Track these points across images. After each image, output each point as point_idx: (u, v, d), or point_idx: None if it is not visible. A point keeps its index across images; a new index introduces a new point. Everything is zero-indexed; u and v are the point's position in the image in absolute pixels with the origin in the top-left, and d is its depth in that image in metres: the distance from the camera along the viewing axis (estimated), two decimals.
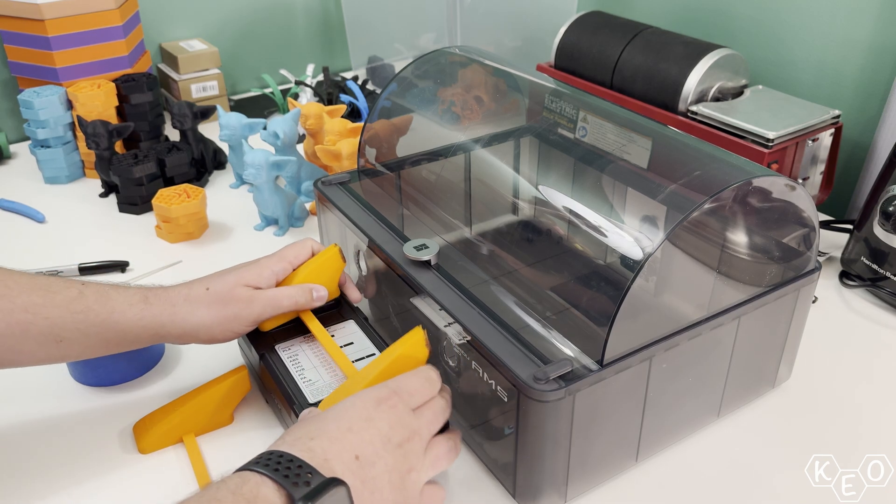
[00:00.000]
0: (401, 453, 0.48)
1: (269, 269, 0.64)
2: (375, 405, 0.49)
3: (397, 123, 0.85)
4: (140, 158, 1.00)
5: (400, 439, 0.48)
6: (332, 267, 0.68)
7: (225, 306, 0.61)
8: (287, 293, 0.63)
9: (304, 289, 0.64)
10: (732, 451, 0.64)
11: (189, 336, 0.61)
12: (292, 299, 0.63)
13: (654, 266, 0.65)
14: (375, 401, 0.49)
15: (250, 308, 0.62)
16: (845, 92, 1.03)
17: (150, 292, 0.61)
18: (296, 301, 0.64)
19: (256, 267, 0.64)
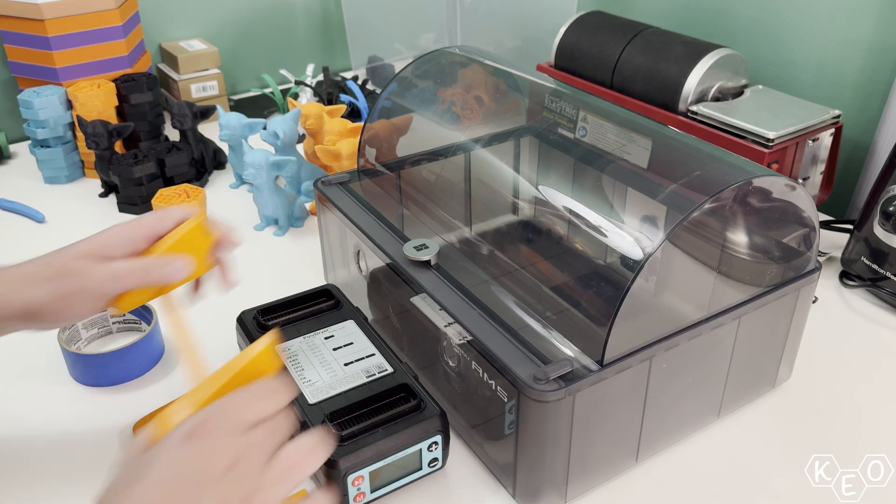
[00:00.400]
0: (229, 481, 0.42)
1: (118, 236, 0.56)
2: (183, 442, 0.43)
3: (397, 123, 0.85)
4: (140, 158, 1.00)
5: (225, 465, 0.42)
6: (198, 239, 0.59)
7: (62, 280, 0.53)
8: (135, 265, 0.55)
9: (157, 261, 0.55)
10: (732, 451, 0.64)
11: (30, 317, 0.54)
12: (141, 272, 0.55)
13: (654, 266, 0.65)
14: (185, 436, 0.43)
15: (87, 281, 0.53)
16: (845, 92, 1.03)
17: None
18: (145, 274, 0.55)
19: (104, 234, 0.56)
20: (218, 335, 0.74)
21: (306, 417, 0.57)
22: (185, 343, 0.56)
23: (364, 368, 0.62)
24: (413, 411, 0.58)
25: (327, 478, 0.54)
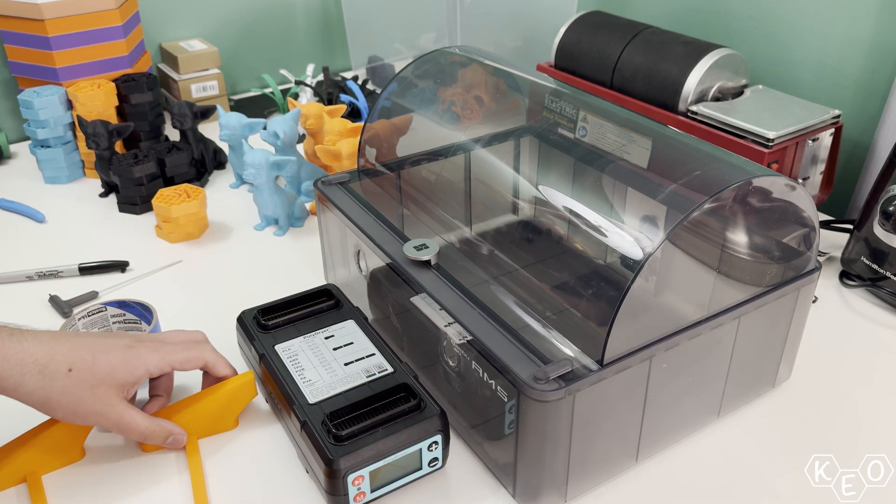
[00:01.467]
0: None
1: (143, 368, 0.59)
2: None
3: (397, 123, 0.85)
4: (140, 158, 1.00)
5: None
6: (243, 399, 0.65)
7: (77, 401, 0.55)
8: (142, 427, 0.59)
9: (161, 431, 0.60)
10: (732, 451, 0.64)
11: (37, 407, 0.55)
12: (143, 436, 0.59)
13: (654, 266, 0.65)
14: None
15: (98, 419, 0.57)
16: (845, 92, 1.03)
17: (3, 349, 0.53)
18: (146, 438, 0.59)
19: (131, 363, 0.58)
20: (218, 335, 0.74)
21: (306, 417, 0.57)
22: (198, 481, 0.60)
23: (364, 368, 0.62)
24: (413, 411, 0.58)
25: (328, 477, 0.54)
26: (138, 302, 0.76)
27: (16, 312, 0.81)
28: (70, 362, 0.55)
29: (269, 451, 0.64)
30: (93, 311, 0.75)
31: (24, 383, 0.53)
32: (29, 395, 0.54)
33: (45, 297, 0.83)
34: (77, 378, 0.55)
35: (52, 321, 0.80)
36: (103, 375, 0.56)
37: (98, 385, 0.56)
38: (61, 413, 0.56)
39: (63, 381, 0.54)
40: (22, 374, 0.53)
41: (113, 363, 0.57)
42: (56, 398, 0.54)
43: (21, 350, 0.54)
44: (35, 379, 0.53)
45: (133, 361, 0.58)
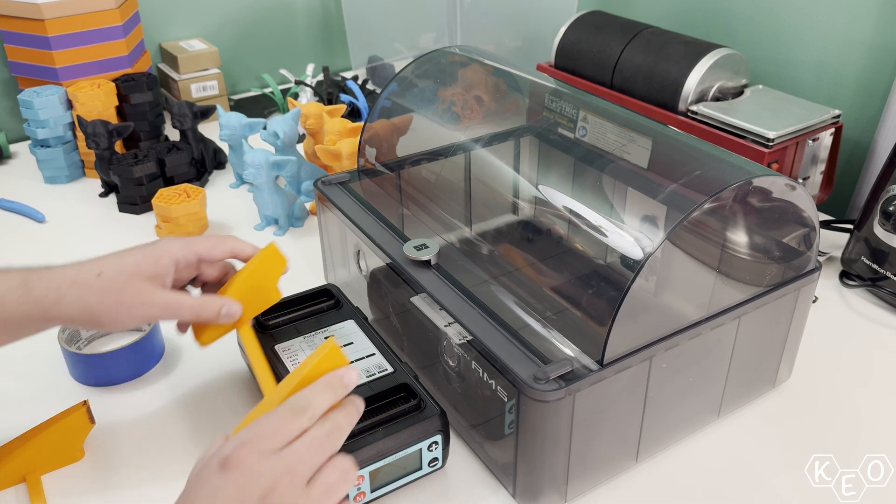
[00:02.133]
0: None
1: (168, 255, 0.59)
2: (219, 472, 0.44)
3: (397, 123, 0.85)
4: (140, 158, 1.00)
5: (261, 492, 0.43)
6: (273, 269, 0.63)
7: (117, 298, 0.56)
8: (189, 304, 0.58)
9: (212, 304, 0.59)
10: (732, 451, 0.64)
11: (77, 322, 0.57)
12: (194, 311, 0.59)
13: (654, 266, 0.65)
14: (219, 465, 0.44)
15: (145, 309, 0.57)
16: (845, 92, 1.03)
17: (33, 274, 0.56)
18: (198, 313, 0.59)
19: (155, 253, 0.59)
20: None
21: None
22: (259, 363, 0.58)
23: (364, 368, 0.62)
24: (413, 411, 0.58)
25: None
26: None
27: None
28: (98, 268, 0.57)
29: None
30: None
31: (63, 297, 0.55)
32: (69, 307, 0.55)
33: None
34: (108, 279, 0.56)
35: None
36: (131, 271, 0.57)
37: (129, 280, 0.57)
38: (107, 317, 0.56)
39: (97, 285, 0.56)
40: (58, 289, 0.55)
41: (137, 258, 0.58)
42: (96, 302, 0.55)
43: (51, 273, 0.56)
44: (71, 291, 0.55)
45: (156, 252, 0.59)
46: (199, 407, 0.69)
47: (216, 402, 0.69)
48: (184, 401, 0.70)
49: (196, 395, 0.70)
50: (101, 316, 0.56)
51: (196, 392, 0.71)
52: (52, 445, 0.61)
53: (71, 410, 0.62)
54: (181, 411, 0.68)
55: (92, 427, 0.63)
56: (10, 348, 0.76)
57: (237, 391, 0.70)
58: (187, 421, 0.67)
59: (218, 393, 0.70)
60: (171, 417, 0.68)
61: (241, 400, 0.69)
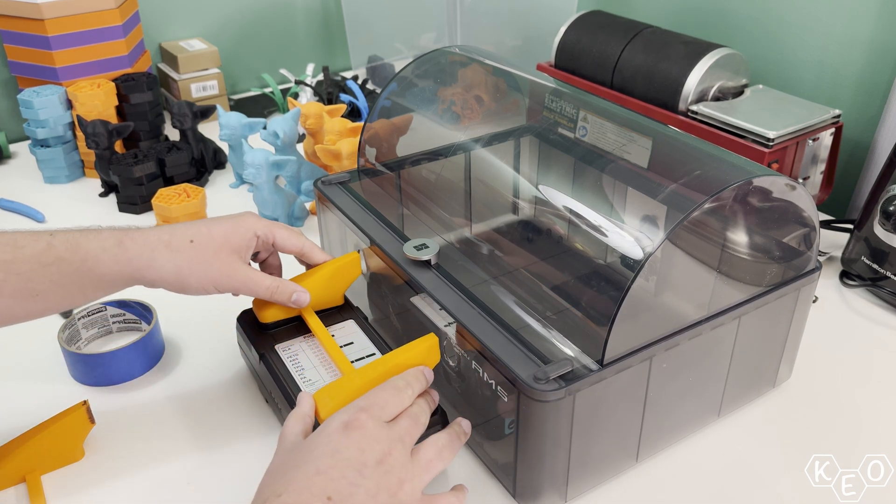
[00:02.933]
0: (384, 469, 0.47)
1: (252, 232, 0.63)
2: (341, 432, 0.47)
3: (397, 123, 0.85)
4: (140, 158, 1.00)
5: (379, 455, 0.47)
6: (350, 275, 0.68)
7: (205, 267, 0.59)
8: (267, 284, 0.62)
9: (286, 288, 0.63)
10: (733, 451, 0.64)
11: (164, 284, 0.60)
12: (269, 291, 0.63)
13: (654, 266, 0.65)
14: (341, 427, 0.48)
15: (229, 281, 0.61)
16: (846, 91, 1.03)
17: (126, 235, 0.59)
18: (272, 294, 0.63)
19: (242, 227, 0.62)
20: (218, 335, 0.74)
21: None
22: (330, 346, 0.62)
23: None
24: None
25: None
26: (138, 302, 0.76)
27: None
28: (190, 235, 0.60)
29: (269, 450, 0.64)
30: (92, 310, 0.75)
31: (155, 258, 0.58)
32: (161, 269, 0.58)
33: None
34: (200, 247, 0.59)
35: (51, 321, 0.79)
36: (222, 241, 0.60)
37: (219, 250, 0.60)
38: (195, 281, 0.59)
39: (189, 252, 0.59)
40: (151, 251, 0.58)
41: (226, 229, 0.61)
42: (187, 268, 0.59)
43: (144, 235, 0.59)
44: (164, 254, 0.58)
45: (243, 226, 0.62)
46: (199, 407, 0.69)
47: (216, 402, 0.69)
48: (184, 401, 0.70)
49: (196, 395, 0.70)
50: (188, 281, 0.59)
51: (196, 392, 0.71)
52: (52, 445, 0.61)
53: (71, 410, 0.62)
54: (181, 411, 0.68)
55: (92, 427, 0.63)
56: (10, 348, 0.76)
57: (237, 391, 0.70)
58: (187, 421, 0.67)
59: (218, 393, 0.70)
60: (171, 417, 0.68)
61: (241, 400, 0.69)
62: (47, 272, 0.56)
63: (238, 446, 0.64)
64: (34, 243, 0.56)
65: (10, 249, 0.55)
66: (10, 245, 0.55)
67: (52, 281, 0.56)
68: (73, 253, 0.56)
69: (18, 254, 0.55)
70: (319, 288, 0.66)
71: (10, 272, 0.55)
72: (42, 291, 0.56)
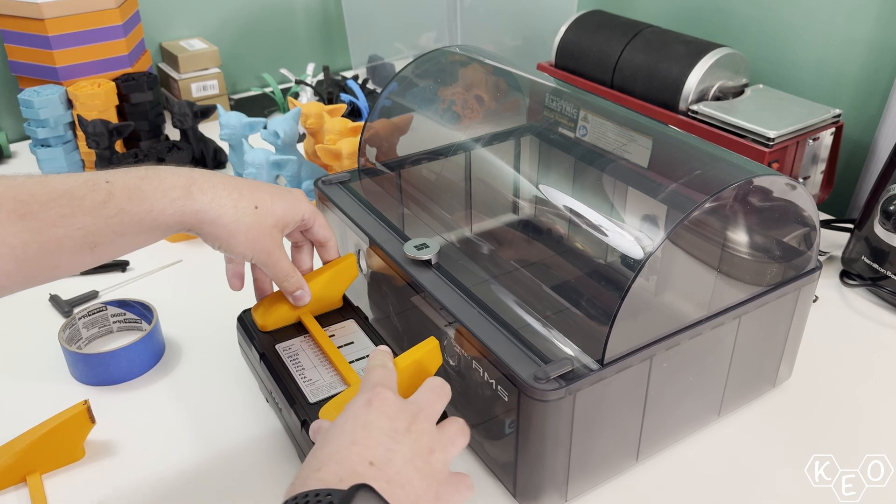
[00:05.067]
0: (414, 436, 0.47)
1: (300, 214, 0.63)
2: (366, 407, 0.48)
3: (398, 123, 0.85)
4: (140, 158, 1.00)
5: (406, 423, 0.47)
6: (348, 277, 0.68)
7: (257, 238, 0.59)
8: (287, 271, 0.63)
9: (296, 280, 0.64)
10: (733, 451, 0.64)
11: (214, 241, 0.58)
12: (287, 279, 0.63)
13: (654, 265, 0.65)
14: (365, 403, 0.48)
15: (266, 257, 0.61)
16: (846, 91, 1.03)
17: (194, 184, 0.56)
18: (285, 281, 0.63)
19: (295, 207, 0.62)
20: (218, 334, 0.74)
21: (307, 416, 0.57)
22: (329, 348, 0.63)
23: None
24: None
25: None
26: (139, 301, 0.76)
27: (16, 312, 0.81)
28: (255, 200, 0.59)
29: (269, 450, 0.64)
30: (93, 310, 0.75)
31: (219, 217, 0.57)
32: (220, 230, 0.57)
33: (45, 297, 0.83)
34: (262, 215, 0.59)
35: (52, 321, 0.80)
36: (278, 217, 0.60)
37: (274, 226, 0.60)
38: (242, 247, 0.59)
39: (250, 219, 0.58)
40: (220, 207, 0.57)
41: (285, 207, 0.61)
42: (242, 233, 0.58)
43: (212, 185, 0.57)
44: (230, 214, 0.57)
45: (296, 207, 0.62)
46: (199, 406, 0.69)
47: (216, 401, 0.69)
48: (184, 400, 0.70)
49: (196, 394, 0.70)
50: (238, 245, 0.59)
51: (196, 392, 0.71)
52: (53, 445, 0.61)
53: (71, 410, 0.62)
54: (181, 411, 0.68)
55: (92, 426, 0.63)
56: (10, 348, 0.76)
57: (237, 391, 0.70)
58: (188, 420, 0.67)
59: (218, 392, 0.70)
60: (171, 417, 0.68)
61: (242, 399, 0.69)
62: (108, 224, 0.53)
63: (238, 446, 0.64)
64: (93, 193, 0.53)
65: (66, 202, 0.52)
66: (66, 197, 0.52)
67: (113, 232, 0.53)
68: (137, 204, 0.54)
69: (77, 206, 0.52)
70: (318, 292, 0.66)
71: (70, 227, 0.51)
72: (100, 244, 0.53)
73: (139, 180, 0.54)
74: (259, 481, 0.61)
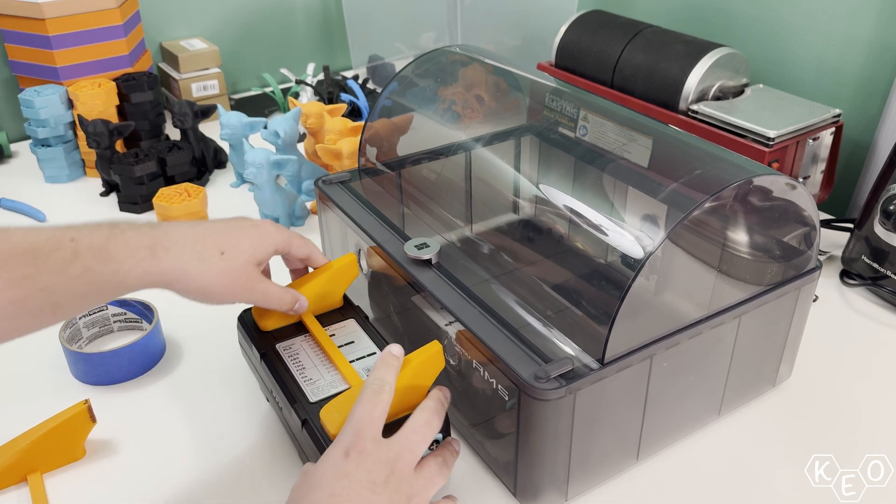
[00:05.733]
0: (392, 487, 0.48)
1: (272, 245, 0.63)
2: (345, 458, 0.48)
3: (398, 122, 0.85)
4: (141, 157, 1.00)
5: (384, 475, 0.48)
6: (348, 276, 0.68)
7: (233, 280, 0.58)
8: (279, 296, 0.63)
9: (291, 297, 0.64)
10: (733, 451, 0.64)
11: (188, 293, 0.57)
12: (281, 303, 0.63)
13: (654, 265, 0.65)
14: (343, 454, 0.49)
15: (249, 294, 0.61)
16: (846, 91, 1.03)
17: (157, 243, 0.55)
18: (280, 305, 0.63)
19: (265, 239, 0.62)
20: (219, 334, 0.74)
21: (308, 416, 0.57)
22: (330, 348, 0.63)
23: (365, 367, 0.62)
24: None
25: None
26: (139, 301, 0.76)
27: None
28: (220, 246, 0.58)
29: (269, 449, 0.64)
30: (94, 310, 0.75)
31: (188, 271, 0.56)
32: (191, 283, 0.56)
33: None
34: (229, 260, 0.58)
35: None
36: (248, 255, 0.60)
37: (245, 264, 0.59)
38: (219, 295, 0.58)
39: (219, 264, 0.57)
40: (184, 262, 0.55)
41: (253, 242, 0.60)
42: (214, 281, 0.57)
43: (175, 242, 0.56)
44: (195, 266, 0.56)
45: (265, 238, 0.62)
46: (199, 406, 0.69)
47: (216, 401, 0.69)
48: (184, 400, 0.70)
49: (196, 394, 0.70)
50: (214, 294, 0.58)
51: (196, 391, 0.71)
52: (54, 444, 0.61)
53: (72, 409, 0.62)
54: (182, 410, 0.68)
55: (93, 426, 0.63)
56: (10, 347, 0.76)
57: (237, 391, 0.70)
58: (188, 419, 0.67)
59: (218, 392, 0.70)
60: (171, 416, 0.68)
61: (242, 399, 0.69)
62: (73, 284, 0.51)
63: (238, 445, 0.65)
64: (57, 251, 0.50)
65: (30, 260, 0.49)
66: (30, 255, 0.49)
67: (76, 293, 0.51)
68: (102, 263, 0.52)
69: (41, 265, 0.49)
70: (318, 291, 0.67)
71: (33, 288, 0.49)
72: (63, 304, 0.51)
73: (105, 239, 0.53)
74: (259, 481, 0.61)
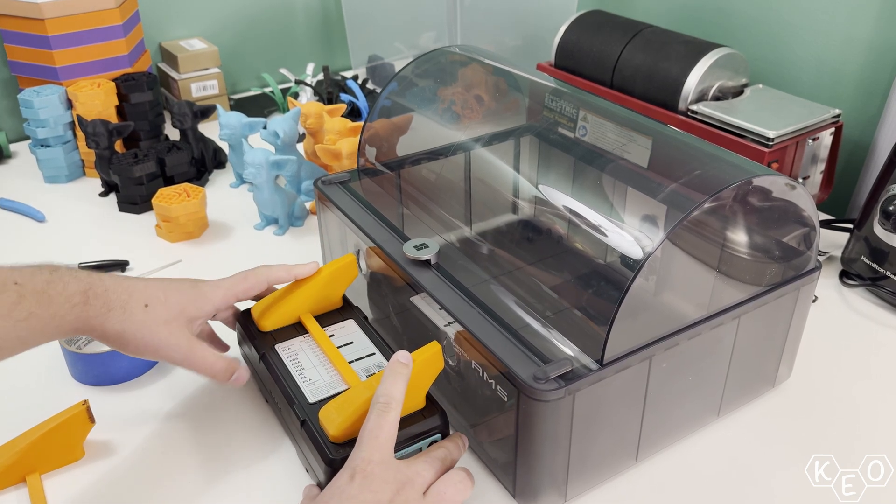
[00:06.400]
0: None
1: (211, 305, 0.62)
2: (349, 482, 0.49)
3: (397, 122, 0.85)
4: (140, 158, 1.00)
5: (390, 495, 0.49)
6: (347, 277, 0.69)
7: (152, 334, 0.57)
8: (210, 362, 0.60)
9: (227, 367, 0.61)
10: (732, 451, 0.64)
11: (104, 340, 0.58)
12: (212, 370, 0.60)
13: (654, 265, 0.65)
14: (349, 478, 0.49)
15: (168, 352, 0.59)
16: (846, 91, 1.03)
17: (91, 291, 0.56)
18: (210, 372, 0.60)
19: (200, 299, 0.61)
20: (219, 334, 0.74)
21: (306, 416, 0.57)
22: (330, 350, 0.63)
23: (364, 368, 0.62)
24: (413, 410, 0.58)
25: (328, 477, 0.54)
26: None
27: None
28: (146, 299, 0.58)
29: (268, 449, 0.64)
30: None
31: (108, 319, 0.56)
32: (109, 328, 0.56)
33: None
34: (152, 314, 0.58)
35: None
36: (176, 312, 0.59)
37: (170, 321, 0.58)
38: (133, 347, 0.58)
39: (140, 316, 0.57)
40: (108, 311, 0.56)
41: (183, 300, 0.60)
42: (132, 332, 0.57)
43: (107, 292, 0.57)
44: (117, 315, 0.56)
45: (202, 298, 0.61)
46: (199, 407, 0.69)
47: (216, 401, 0.69)
48: (184, 400, 0.70)
49: (196, 394, 0.70)
50: (129, 344, 0.58)
51: (196, 392, 0.71)
52: (53, 445, 0.61)
53: (71, 410, 0.62)
54: (181, 411, 0.68)
55: (92, 426, 0.63)
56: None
57: (237, 391, 0.70)
58: (187, 420, 0.67)
59: (218, 393, 0.70)
60: (171, 417, 0.68)
61: (241, 399, 0.69)
62: (16, 327, 0.52)
63: (238, 446, 0.65)
64: (3, 294, 0.52)
65: None
66: None
67: (17, 336, 0.53)
68: (44, 308, 0.53)
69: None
70: (318, 292, 0.67)
71: None
72: (6, 347, 0.53)
73: (45, 284, 0.54)
74: (259, 481, 0.61)
